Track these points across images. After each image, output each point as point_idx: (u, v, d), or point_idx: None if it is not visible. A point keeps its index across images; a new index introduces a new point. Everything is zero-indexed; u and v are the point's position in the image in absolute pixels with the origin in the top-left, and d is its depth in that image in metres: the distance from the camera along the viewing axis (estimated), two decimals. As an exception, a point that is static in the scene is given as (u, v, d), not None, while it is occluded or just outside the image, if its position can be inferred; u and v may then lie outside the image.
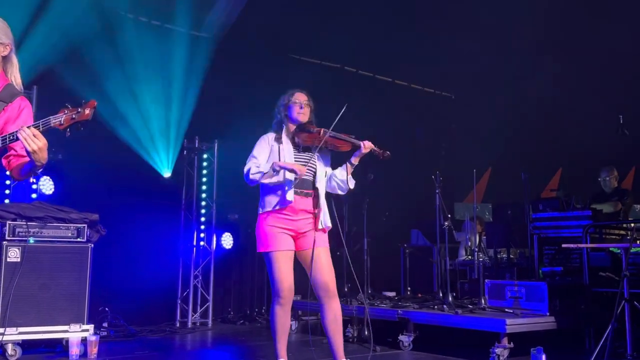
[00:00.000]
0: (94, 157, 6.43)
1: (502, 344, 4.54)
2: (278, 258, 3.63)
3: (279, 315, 3.69)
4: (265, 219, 3.68)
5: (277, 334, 3.74)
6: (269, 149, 3.74)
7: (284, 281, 3.63)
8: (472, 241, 7.11)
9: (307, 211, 3.70)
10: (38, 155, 2.52)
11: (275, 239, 3.65)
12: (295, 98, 3.82)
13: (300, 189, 3.67)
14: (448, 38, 7.91)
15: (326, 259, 3.73)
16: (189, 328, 6.83)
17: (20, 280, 4.61)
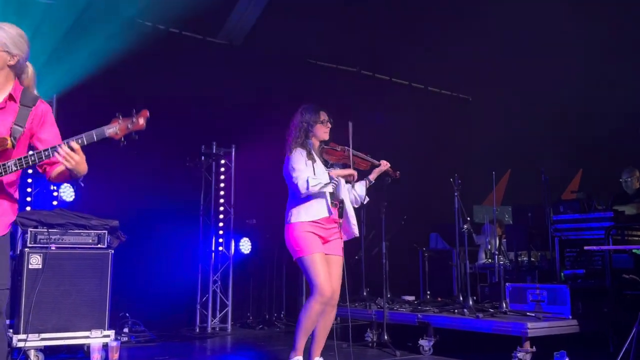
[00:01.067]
0: (113, 164, 6.49)
1: (524, 348, 4.48)
2: (317, 259, 3.84)
3: (315, 313, 3.83)
4: (301, 226, 3.88)
5: (305, 330, 3.88)
6: (305, 163, 3.93)
7: (327, 281, 3.83)
8: (492, 244, 7.04)
9: (335, 221, 3.99)
10: (76, 170, 2.60)
11: (312, 242, 3.87)
12: (321, 117, 4.04)
13: (333, 201, 3.98)
14: (464, 40, 7.87)
15: (340, 269, 4.01)
16: (209, 333, 6.85)
17: (42, 287, 4.65)
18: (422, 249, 7.36)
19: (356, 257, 6.99)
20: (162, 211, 6.86)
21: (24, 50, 2.76)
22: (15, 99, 2.73)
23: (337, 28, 7.69)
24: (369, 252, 6.74)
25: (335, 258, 3.98)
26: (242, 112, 7.57)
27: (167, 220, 6.95)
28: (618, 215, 5.65)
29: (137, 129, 2.64)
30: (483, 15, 7.52)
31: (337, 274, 3.97)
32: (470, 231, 5.47)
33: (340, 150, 4.02)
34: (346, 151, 3.98)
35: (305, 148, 3.96)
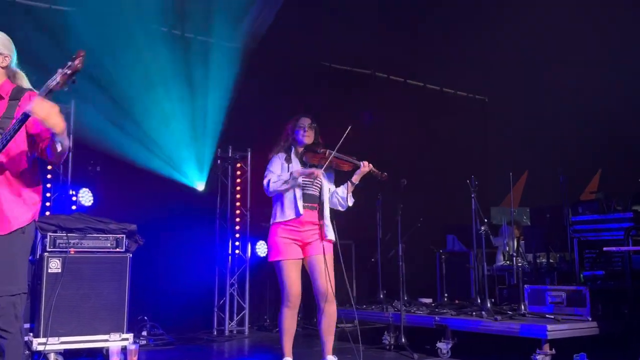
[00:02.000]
0: (130, 169, 6.55)
1: (543, 350, 4.44)
2: (287, 266, 4.02)
3: (287, 318, 4.09)
4: (276, 230, 4.08)
5: (285, 334, 4.12)
6: (281, 166, 4.15)
7: (292, 287, 4.02)
8: (510, 246, 6.98)
9: (312, 223, 4.09)
10: (52, 121, 2.56)
11: (284, 248, 4.04)
12: (300, 123, 4.22)
13: (307, 203, 4.08)
14: (479, 40, 7.83)
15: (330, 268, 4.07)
16: (226, 336, 6.87)
17: (62, 291, 4.71)
18: (438, 251, 7.32)
19: (372, 260, 6.98)
20: (179, 215, 6.91)
21: (12, 51, 2.83)
22: (4, 97, 2.77)
23: (351, 31, 7.68)
24: (385, 254, 6.71)
25: (315, 258, 4.07)
26: (258, 115, 7.59)
27: (184, 223, 7.00)
28: (638, 216, 5.58)
29: (75, 72, 2.60)
30: (498, 15, 7.48)
31: (321, 272, 4.04)
32: (487, 233, 5.43)
33: (321, 152, 4.12)
34: (327, 153, 4.08)
35: (286, 152, 4.21)
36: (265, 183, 4.10)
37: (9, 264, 2.65)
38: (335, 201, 4.26)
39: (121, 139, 6.61)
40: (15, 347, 2.66)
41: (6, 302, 2.61)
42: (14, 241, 2.67)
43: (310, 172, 4.03)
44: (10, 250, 2.66)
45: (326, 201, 4.17)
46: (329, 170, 4.24)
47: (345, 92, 8.33)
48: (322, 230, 4.10)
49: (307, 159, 4.18)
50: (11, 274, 2.65)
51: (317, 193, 4.15)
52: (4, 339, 2.63)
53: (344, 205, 4.27)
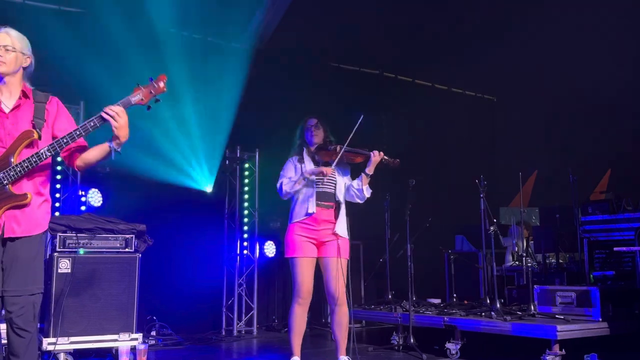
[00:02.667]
0: (140, 169, 6.57)
1: (553, 351, 4.42)
2: (301, 263, 4.10)
3: (297, 315, 4.13)
4: (293, 228, 4.17)
5: (294, 332, 4.16)
6: (294, 168, 4.26)
7: (304, 284, 4.09)
8: (519, 246, 6.95)
9: (328, 221, 4.16)
10: (123, 132, 2.76)
11: (299, 246, 4.12)
12: (307, 124, 4.35)
13: (322, 202, 4.14)
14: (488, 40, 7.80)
15: (343, 270, 4.12)
16: (235, 336, 6.88)
17: (71, 291, 4.72)
18: (447, 251, 7.30)
19: (381, 260, 6.97)
20: (188, 215, 6.93)
21: (32, 54, 2.91)
22: (29, 96, 2.85)
23: (358, 31, 7.68)
24: (394, 254, 6.71)
25: (329, 260, 4.13)
26: (266, 115, 7.60)
27: (193, 224, 7.02)
28: (648, 216, 5.55)
29: (159, 93, 2.79)
30: (506, 14, 7.45)
31: (334, 275, 4.10)
32: (496, 233, 5.41)
33: (332, 149, 4.17)
34: (338, 149, 4.12)
35: (299, 154, 4.32)
36: (278, 186, 4.22)
37: (29, 265, 2.71)
38: (352, 194, 4.28)
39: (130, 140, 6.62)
40: (33, 347, 2.70)
41: (26, 301, 2.66)
42: (35, 243, 2.75)
43: (319, 171, 4.07)
44: (30, 252, 2.73)
45: (342, 199, 4.22)
46: (343, 166, 4.28)
47: (354, 92, 8.32)
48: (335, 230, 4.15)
49: (319, 158, 4.24)
50: (31, 274, 2.70)
51: (333, 190, 4.20)
52: (22, 337, 2.65)
53: (362, 197, 4.27)
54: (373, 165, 4.18)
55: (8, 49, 2.77)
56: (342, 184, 4.26)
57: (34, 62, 2.90)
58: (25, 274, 2.68)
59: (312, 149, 4.30)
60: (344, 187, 4.27)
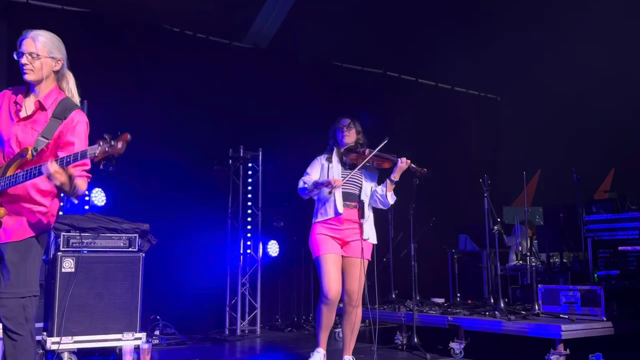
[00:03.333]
0: (143, 169, 6.58)
1: (557, 350, 4.41)
2: (326, 261, 4.03)
3: (325, 314, 4.09)
4: (316, 227, 4.16)
5: (322, 326, 4.13)
6: (320, 167, 4.25)
7: (331, 283, 4.00)
8: (523, 246, 6.94)
9: (352, 221, 4.12)
10: (65, 189, 2.64)
11: (323, 243, 4.08)
12: (340, 124, 4.34)
13: (347, 202, 4.12)
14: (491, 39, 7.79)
15: (363, 272, 4.11)
16: (238, 336, 6.88)
17: (75, 290, 4.72)
18: (451, 250, 7.29)
19: (384, 260, 6.96)
20: (191, 215, 6.93)
21: (64, 54, 2.85)
22: (46, 108, 2.79)
23: (362, 30, 7.67)
24: (397, 254, 6.70)
25: (353, 260, 4.11)
26: (269, 115, 7.59)
27: (196, 223, 7.02)
28: (653, 215, 5.53)
29: (115, 153, 2.57)
30: (509, 12, 7.44)
31: (355, 276, 4.08)
32: (500, 232, 5.40)
33: (360, 152, 4.18)
34: (367, 152, 4.13)
35: (328, 152, 4.32)
36: (300, 185, 4.23)
37: (18, 267, 2.71)
38: (376, 200, 4.27)
39: (133, 139, 6.62)
40: (25, 349, 2.68)
41: (15, 304, 2.66)
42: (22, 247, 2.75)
43: (327, 183, 4.05)
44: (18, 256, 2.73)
45: (367, 200, 4.21)
46: (370, 170, 4.30)
47: (357, 91, 8.31)
48: (362, 230, 4.13)
49: (346, 159, 4.26)
50: (21, 277, 2.70)
51: (357, 192, 4.20)
52: (14, 340, 2.65)
53: (386, 204, 4.26)
54: (399, 172, 4.16)
55: (34, 56, 2.75)
56: (368, 187, 4.26)
57: (66, 62, 2.86)
58: (15, 276, 2.68)
59: (341, 149, 4.30)
60: (369, 191, 4.27)
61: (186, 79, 7.13)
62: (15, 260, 2.71)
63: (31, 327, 2.71)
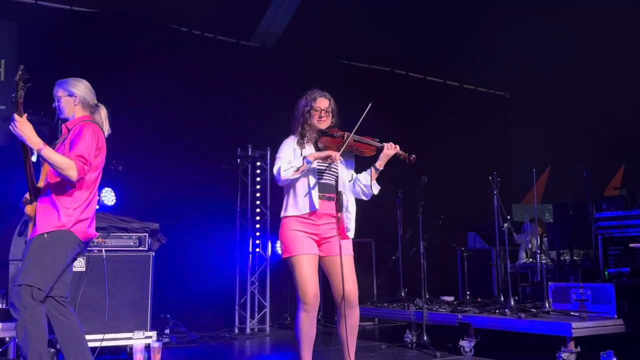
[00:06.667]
0: (152, 168, 6.61)
1: (568, 348, 4.39)
2: (302, 263, 3.50)
3: (305, 323, 3.50)
4: (289, 223, 3.58)
5: (303, 343, 3.54)
6: (292, 151, 3.64)
7: (309, 286, 3.47)
8: (533, 243, 6.91)
9: (330, 215, 3.56)
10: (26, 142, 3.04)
11: (298, 243, 3.53)
12: (317, 105, 3.70)
13: (323, 193, 3.56)
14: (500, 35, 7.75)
15: (350, 268, 3.57)
16: (248, 334, 6.90)
17: (86, 289, 4.75)
18: (460, 248, 7.27)
19: (393, 258, 6.96)
20: (200, 214, 6.96)
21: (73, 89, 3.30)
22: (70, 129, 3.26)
23: (369, 28, 7.66)
24: (406, 252, 6.69)
25: (334, 259, 3.53)
26: (276, 113, 7.57)
27: (205, 222, 7.05)
28: (664, 212, 5.50)
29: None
30: (519, 8, 7.41)
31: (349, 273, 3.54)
32: (510, 230, 5.37)
33: (338, 136, 3.60)
34: (345, 137, 3.57)
35: (300, 136, 3.68)
36: (276, 171, 3.58)
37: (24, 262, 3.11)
38: (358, 190, 3.72)
39: (142, 140, 6.67)
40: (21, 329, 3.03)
41: (15, 290, 3.07)
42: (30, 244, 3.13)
43: (326, 155, 3.48)
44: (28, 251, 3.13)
45: (347, 191, 3.65)
46: (347, 157, 3.72)
47: (365, 89, 8.29)
48: (341, 225, 3.55)
49: (322, 145, 3.66)
50: (23, 270, 3.08)
51: (334, 182, 3.62)
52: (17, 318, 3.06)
53: (368, 194, 3.72)
54: (385, 159, 3.63)
55: (59, 98, 3.31)
56: (346, 176, 3.69)
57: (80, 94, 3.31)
58: (22, 268, 3.10)
59: (314, 135, 3.70)
60: (347, 180, 3.70)
61: (194, 78, 7.15)
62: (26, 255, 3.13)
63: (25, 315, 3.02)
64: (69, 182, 3.14)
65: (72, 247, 3.18)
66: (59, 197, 3.15)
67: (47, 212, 3.13)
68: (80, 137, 3.14)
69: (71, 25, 6.59)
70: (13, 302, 3.07)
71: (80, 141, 3.13)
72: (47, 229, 3.10)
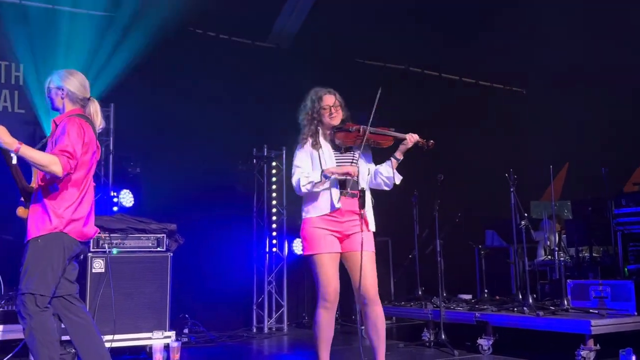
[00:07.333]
0: (169, 169, 6.67)
1: (587, 346, 4.35)
2: (323, 260, 3.51)
3: (324, 321, 3.53)
4: (311, 220, 3.58)
5: (320, 341, 3.55)
6: (309, 156, 3.64)
7: (330, 284, 3.50)
8: (551, 240, 6.85)
9: (353, 212, 3.55)
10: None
11: (321, 241, 3.53)
12: (324, 103, 3.69)
13: (345, 190, 3.55)
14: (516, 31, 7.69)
15: (370, 264, 3.53)
16: (266, 333, 6.93)
17: (105, 290, 4.80)
18: (478, 246, 7.23)
19: (410, 256, 6.94)
20: (217, 214, 7.00)
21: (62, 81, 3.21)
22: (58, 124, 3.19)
23: (383, 26, 7.64)
24: (423, 250, 6.67)
25: (355, 254, 3.51)
26: (292, 114, 7.59)
27: (222, 223, 7.09)
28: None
29: None
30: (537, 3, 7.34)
31: (369, 269, 3.49)
32: (528, 227, 5.33)
33: (354, 131, 3.57)
34: (362, 130, 3.54)
35: (312, 137, 3.66)
36: (295, 183, 3.61)
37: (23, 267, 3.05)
38: (379, 182, 3.69)
39: (159, 141, 6.73)
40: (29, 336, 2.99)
41: (20, 299, 3.03)
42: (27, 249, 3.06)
43: (344, 172, 3.50)
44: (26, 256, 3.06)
45: (366, 187, 3.61)
46: (365, 150, 3.68)
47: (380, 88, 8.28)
48: (363, 221, 3.54)
49: (340, 141, 3.62)
50: (22, 278, 3.04)
51: (356, 178, 3.56)
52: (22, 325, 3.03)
53: (390, 185, 3.68)
54: (405, 149, 3.62)
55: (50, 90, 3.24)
56: (365, 171, 3.66)
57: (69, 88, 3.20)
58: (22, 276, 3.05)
59: (327, 132, 3.67)
60: (367, 174, 3.67)
61: (210, 80, 7.20)
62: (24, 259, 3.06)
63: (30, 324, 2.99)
64: (56, 182, 3.06)
65: (69, 248, 3.11)
66: (48, 198, 3.07)
67: (38, 216, 3.07)
68: (64, 133, 3.05)
69: (87, 29, 6.67)
70: (19, 310, 3.03)
71: (64, 137, 3.04)
72: (39, 233, 3.04)
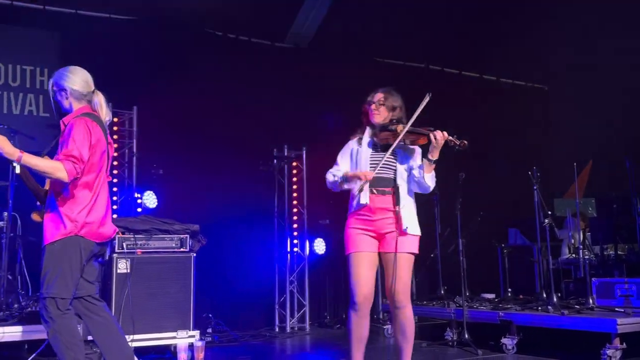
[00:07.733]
0: (191, 171, 6.73)
1: (613, 345, 4.29)
2: (355, 260, 3.45)
3: (354, 323, 3.45)
4: (349, 221, 3.57)
5: (353, 343, 3.48)
6: (350, 152, 3.64)
7: (358, 286, 3.41)
8: (575, 238, 6.77)
9: (386, 209, 3.45)
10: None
11: (354, 240, 3.49)
12: (371, 98, 3.67)
13: (376, 188, 3.46)
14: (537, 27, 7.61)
15: (400, 267, 3.42)
16: (288, 333, 6.96)
17: (130, 290, 4.86)
18: (500, 245, 7.17)
19: (432, 255, 6.91)
20: (239, 214, 7.05)
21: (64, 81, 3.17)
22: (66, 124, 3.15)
23: (402, 24, 7.62)
24: (445, 249, 6.64)
25: (389, 256, 3.45)
26: (311, 113, 7.65)
27: (244, 223, 7.15)
28: None
29: None
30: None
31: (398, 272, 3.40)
32: (552, 225, 5.28)
33: (392, 129, 3.51)
34: (399, 129, 3.47)
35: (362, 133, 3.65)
36: (328, 179, 3.65)
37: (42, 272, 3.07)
38: (415, 185, 3.57)
39: (181, 143, 6.80)
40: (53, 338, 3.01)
41: (42, 303, 3.06)
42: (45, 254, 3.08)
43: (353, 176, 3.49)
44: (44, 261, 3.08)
45: (403, 184, 3.51)
46: (405, 149, 3.58)
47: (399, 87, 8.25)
48: (398, 219, 3.44)
49: (378, 139, 3.58)
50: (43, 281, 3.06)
51: (392, 175, 3.49)
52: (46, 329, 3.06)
53: (425, 188, 3.56)
54: (435, 149, 3.45)
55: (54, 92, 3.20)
56: (404, 169, 3.56)
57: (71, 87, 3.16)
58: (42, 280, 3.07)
59: (373, 129, 3.63)
60: (406, 173, 3.56)
61: (230, 81, 7.25)
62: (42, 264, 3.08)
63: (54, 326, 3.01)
64: (67, 186, 3.05)
65: (86, 249, 3.11)
66: (61, 203, 3.07)
67: (53, 221, 3.08)
68: (70, 136, 3.03)
69: (110, 33, 6.77)
70: (42, 314, 3.05)
71: (69, 141, 3.01)
72: (55, 238, 3.05)
